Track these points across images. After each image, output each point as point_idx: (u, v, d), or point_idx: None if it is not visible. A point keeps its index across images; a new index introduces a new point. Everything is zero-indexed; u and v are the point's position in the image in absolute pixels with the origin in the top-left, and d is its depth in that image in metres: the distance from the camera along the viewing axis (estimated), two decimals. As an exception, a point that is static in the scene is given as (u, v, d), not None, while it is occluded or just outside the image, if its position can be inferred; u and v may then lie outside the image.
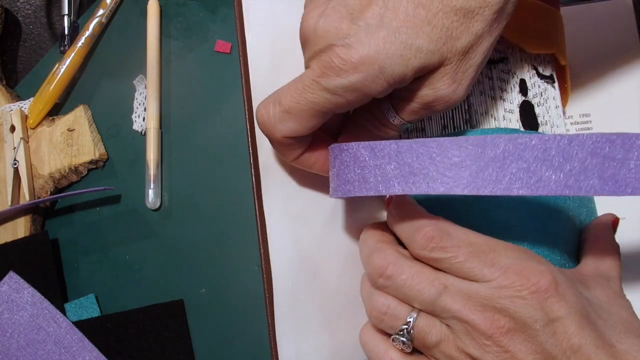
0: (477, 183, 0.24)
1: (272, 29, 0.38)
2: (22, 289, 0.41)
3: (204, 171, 0.43)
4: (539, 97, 0.32)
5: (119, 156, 0.46)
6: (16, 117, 0.46)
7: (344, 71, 0.25)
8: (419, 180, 0.25)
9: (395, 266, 0.27)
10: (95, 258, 0.44)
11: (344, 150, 0.27)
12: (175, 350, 0.40)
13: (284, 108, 0.27)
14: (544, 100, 0.32)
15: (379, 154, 0.26)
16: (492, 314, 0.24)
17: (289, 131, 0.28)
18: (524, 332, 0.24)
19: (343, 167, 0.27)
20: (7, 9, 0.51)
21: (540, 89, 0.32)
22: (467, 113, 0.32)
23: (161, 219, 0.44)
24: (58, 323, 0.40)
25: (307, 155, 0.31)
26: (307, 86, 0.26)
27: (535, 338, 0.24)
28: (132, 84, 0.46)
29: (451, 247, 0.26)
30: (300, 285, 0.35)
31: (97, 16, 0.48)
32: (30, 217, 0.45)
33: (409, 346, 0.27)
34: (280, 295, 0.35)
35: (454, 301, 0.25)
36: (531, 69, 0.32)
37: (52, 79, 0.46)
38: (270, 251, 0.35)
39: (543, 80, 0.32)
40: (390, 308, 0.27)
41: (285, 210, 0.36)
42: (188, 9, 0.47)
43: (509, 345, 0.24)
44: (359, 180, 0.26)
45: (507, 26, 0.26)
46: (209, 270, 0.42)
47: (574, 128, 0.37)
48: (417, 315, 0.27)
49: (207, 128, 0.44)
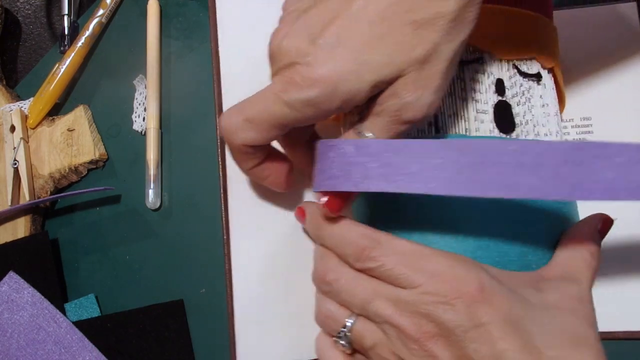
0: (456, 185, 0.25)
1: (245, 42, 0.42)
2: (22, 289, 0.41)
3: (204, 171, 0.43)
4: (520, 96, 0.32)
5: (119, 156, 0.46)
6: (16, 117, 0.46)
7: (303, 87, 0.26)
8: (400, 179, 0.26)
9: (334, 272, 0.29)
10: (95, 258, 0.44)
11: (330, 146, 0.28)
12: (175, 350, 0.41)
13: (245, 117, 0.29)
14: (526, 99, 0.32)
15: (363, 151, 0.27)
16: (419, 319, 0.26)
17: (249, 139, 0.30)
18: (448, 337, 0.25)
19: (328, 162, 0.28)
20: (7, 9, 0.51)
21: (522, 87, 0.32)
22: (433, 115, 0.32)
23: (161, 219, 0.44)
24: (58, 323, 0.40)
25: (261, 167, 0.33)
26: (268, 99, 0.28)
27: (458, 343, 0.25)
28: (132, 84, 0.46)
29: (380, 256, 0.27)
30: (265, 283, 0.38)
31: (97, 16, 0.48)
32: (30, 217, 0.45)
33: (348, 348, 0.29)
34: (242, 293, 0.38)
35: (385, 307, 0.27)
36: (512, 68, 0.32)
37: (52, 79, 0.46)
38: (233, 250, 0.39)
39: (527, 79, 0.32)
40: (331, 312, 0.29)
41: (250, 214, 0.40)
42: (188, 9, 0.47)
43: (433, 350, 0.25)
44: (343, 176, 0.27)
45: (477, 33, 0.27)
46: (209, 270, 0.42)
47: (575, 131, 0.37)
48: (355, 319, 0.28)
49: (207, 128, 0.44)
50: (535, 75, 0.32)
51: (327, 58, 0.26)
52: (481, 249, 0.29)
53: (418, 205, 0.30)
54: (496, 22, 0.32)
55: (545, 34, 0.33)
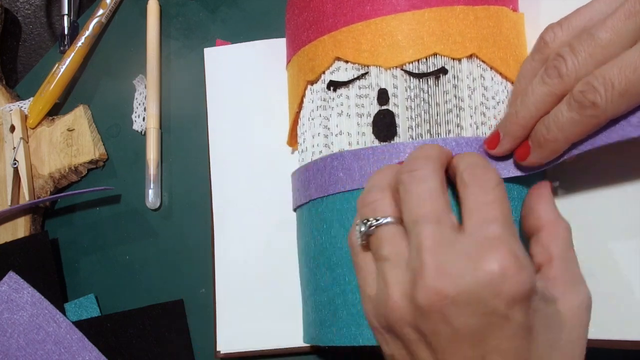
0: None
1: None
2: (22, 289, 0.41)
3: (204, 171, 0.43)
4: (413, 99, 0.31)
5: (119, 156, 0.46)
6: (16, 117, 0.46)
7: None
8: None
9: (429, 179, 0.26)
10: (95, 258, 0.44)
11: (334, 158, 0.32)
12: (175, 350, 0.41)
13: None
14: (420, 99, 0.31)
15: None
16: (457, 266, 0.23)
17: None
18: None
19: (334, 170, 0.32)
20: (7, 9, 0.51)
21: (413, 91, 0.32)
22: (325, 137, 0.33)
23: (161, 219, 0.44)
24: (58, 323, 0.40)
25: None
26: None
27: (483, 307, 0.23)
28: (132, 84, 0.46)
29: None
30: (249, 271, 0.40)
31: (97, 16, 0.48)
32: (30, 217, 0.45)
33: (361, 239, 0.27)
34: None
35: (431, 234, 0.24)
36: (401, 75, 0.32)
37: (52, 79, 0.46)
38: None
39: (421, 79, 0.32)
40: (378, 201, 0.27)
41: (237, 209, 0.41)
42: (188, 9, 0.47)
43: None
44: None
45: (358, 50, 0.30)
46: (209, 270, 0.42)
47: None
48: (390, 221, 0.26)
49: (206, 127, 0.44)
50: (432, 72, 0.31)
51: None
52: None
53: None
54: (380, 33, 0.32)
55: (448, 24, 0.32)
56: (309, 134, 0.35)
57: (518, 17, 0.34)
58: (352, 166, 0.32)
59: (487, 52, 0.32)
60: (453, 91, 0.31)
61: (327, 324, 0.32)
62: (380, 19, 0.32)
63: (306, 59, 0.35)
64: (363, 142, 0.32)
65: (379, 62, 0.32)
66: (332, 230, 0.32)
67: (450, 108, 0.31)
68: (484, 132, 0.31)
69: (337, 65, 0.33)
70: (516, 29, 0.34)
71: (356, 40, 0.32)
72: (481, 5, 0.33)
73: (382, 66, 0.32)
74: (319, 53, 0.34)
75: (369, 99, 0.32)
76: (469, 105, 0.31)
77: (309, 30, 0.35)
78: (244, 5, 0.46)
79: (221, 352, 0.39)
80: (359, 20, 0.32)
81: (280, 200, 0.39)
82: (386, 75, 0.32)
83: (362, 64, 0.33)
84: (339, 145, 0.33)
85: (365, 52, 0.32)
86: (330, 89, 0.33)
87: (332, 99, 0.34)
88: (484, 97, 0.32)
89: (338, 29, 0.33)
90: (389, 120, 0.32)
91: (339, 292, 0.31)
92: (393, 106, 0.32)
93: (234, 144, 0.42)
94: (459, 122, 0.31)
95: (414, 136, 0.31)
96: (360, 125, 0.32)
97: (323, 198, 0.33)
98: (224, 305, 0.40)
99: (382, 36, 0.32)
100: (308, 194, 0.34)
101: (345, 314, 0.31)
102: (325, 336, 0.32)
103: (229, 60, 0.44)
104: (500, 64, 0.32)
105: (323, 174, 0.33)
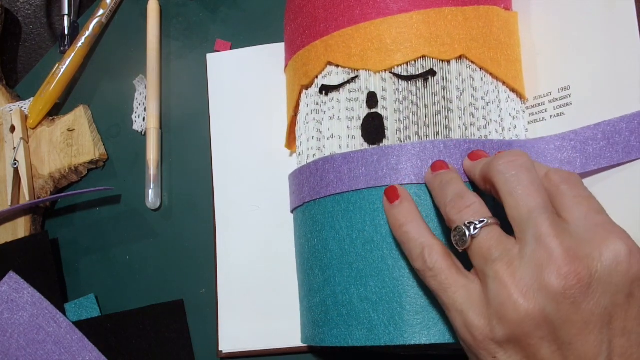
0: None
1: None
2: (22, 289, 0.41)
3: (204, 171, 0.43)
4: (398, 103, 0.32)
5: (119, 156, 0.46)
6: (16, 117, 0.46)
7: None
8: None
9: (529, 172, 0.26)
10: (95, 258, 0.44)
11: (326, 161, 0.32)
12: (175, 350, 0.41)
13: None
14: (409, 102, 0.31)
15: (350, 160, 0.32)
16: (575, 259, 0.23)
17: None
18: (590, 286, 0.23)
19: (325, 173, 0.32)
20: (7, 9, 0.51)
21: (401, 94, 0.32)
22: (318, 140, 0.34)
23: (161, 219, 0.44)
24: (58, 323, 0.40)
25: None
26: None
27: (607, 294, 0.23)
28: (132, 84, 0.46)
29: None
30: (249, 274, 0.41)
31: (97, 16, 0.48)
32: (30, 217, 0.45)
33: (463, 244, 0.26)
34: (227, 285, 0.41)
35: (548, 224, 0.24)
36: (390, 78, 0.32)
37: (52, 79, 0.46)
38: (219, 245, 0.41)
39: (410, 82, 0.32)
40: (476, 203, 0.26)
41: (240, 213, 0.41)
42: (188, 9, 0.47)
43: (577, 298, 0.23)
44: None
45: (348, 55, 0.31)
46: (209, 270, 0.42)
47: (552, 106, 0.33)
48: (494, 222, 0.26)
49: (207, 128, 0.44)
50: (420, 74, 0.31)
51: None
52: None
53: None
54: (369, 37, 0.32)
55: (436, 26, 0.32)
56: (304, 137, 0.35)
57: (510, 16, 0.34)
58: (342, 169, 0.32)
59: (476, 53, 0.32)
60: (442, 93, 0.32)
61: (319, 324, 0.32)
62: (369, 23, 0.32)
63: (300, 63, 0.35)
64: (353, 145, 0.32)
65: (368, 66, 0.32)
66: (323, 232, 0.32)
67: (438, 110, 0.31)
68: (473, 134, 0.31)
69: (329, 69, 0.34)
70: (508, 28, 0.34)
71: (346, 45, 0.33)
72: (471, 5, 0.32)
73: (371, 70, 0.32)
74: (312, 58, 0.34)
75: (358, 102, 0.33)
76: (458, 107, 0.32)
77: (303, 35, 0.35)
78: (244, 6, 0.46)
79: (223, 351, 0.39)
80: (349, 24, 0.33)
81: (282, 201, 0.39)
82: (375, 79, 0.32)
83: (352, 68, 0.33)
84: (331, 148, 0.33)
85: (355, 56, 0.32)
86: (322, 93, 0.34)
87: (324, 103, 0.34)
88: (473, 98, 0.32)
89: (329, 34, 0.33)
90: (378, 123, 0.32)
91: (329, 293, 0.32)
92: (382, 109, 0.32)
93: (237, 147, 0.42)
94: (447, 124, 0.31)
95: (402, 139, 0.31)
96: (350, 128, 0.33)
97: (315, 201, 0.33)
98: (225, 305, 0.40)
99: (371, 40, 0.32)
100: (302, 196, 0.34)
101: (335, 315, 0.31)
102: (317, 336, 0.33)
103: (231, 65, 0.44)
104: (490, 64, 0.32)
105: (315, 177, 0.33)
